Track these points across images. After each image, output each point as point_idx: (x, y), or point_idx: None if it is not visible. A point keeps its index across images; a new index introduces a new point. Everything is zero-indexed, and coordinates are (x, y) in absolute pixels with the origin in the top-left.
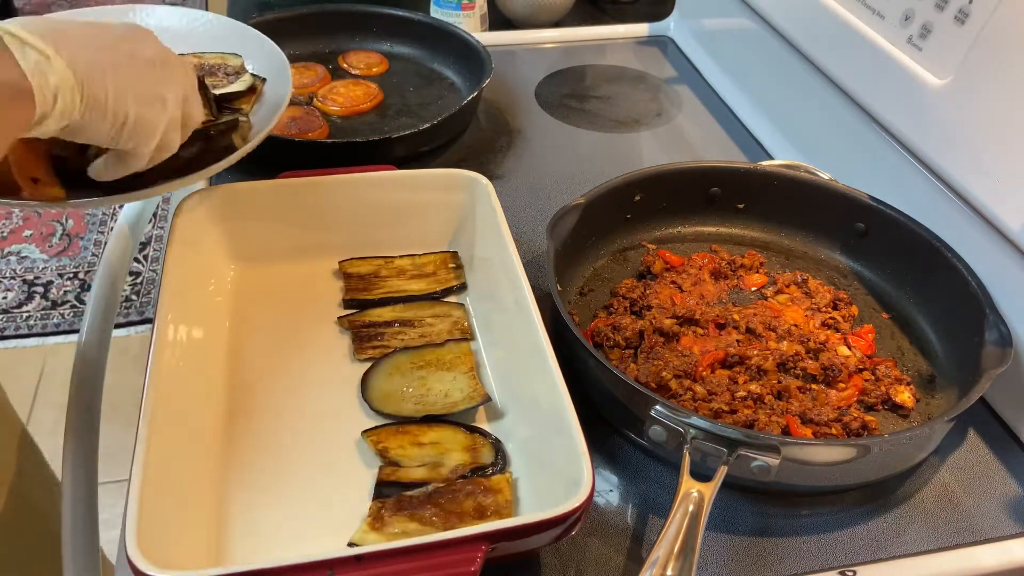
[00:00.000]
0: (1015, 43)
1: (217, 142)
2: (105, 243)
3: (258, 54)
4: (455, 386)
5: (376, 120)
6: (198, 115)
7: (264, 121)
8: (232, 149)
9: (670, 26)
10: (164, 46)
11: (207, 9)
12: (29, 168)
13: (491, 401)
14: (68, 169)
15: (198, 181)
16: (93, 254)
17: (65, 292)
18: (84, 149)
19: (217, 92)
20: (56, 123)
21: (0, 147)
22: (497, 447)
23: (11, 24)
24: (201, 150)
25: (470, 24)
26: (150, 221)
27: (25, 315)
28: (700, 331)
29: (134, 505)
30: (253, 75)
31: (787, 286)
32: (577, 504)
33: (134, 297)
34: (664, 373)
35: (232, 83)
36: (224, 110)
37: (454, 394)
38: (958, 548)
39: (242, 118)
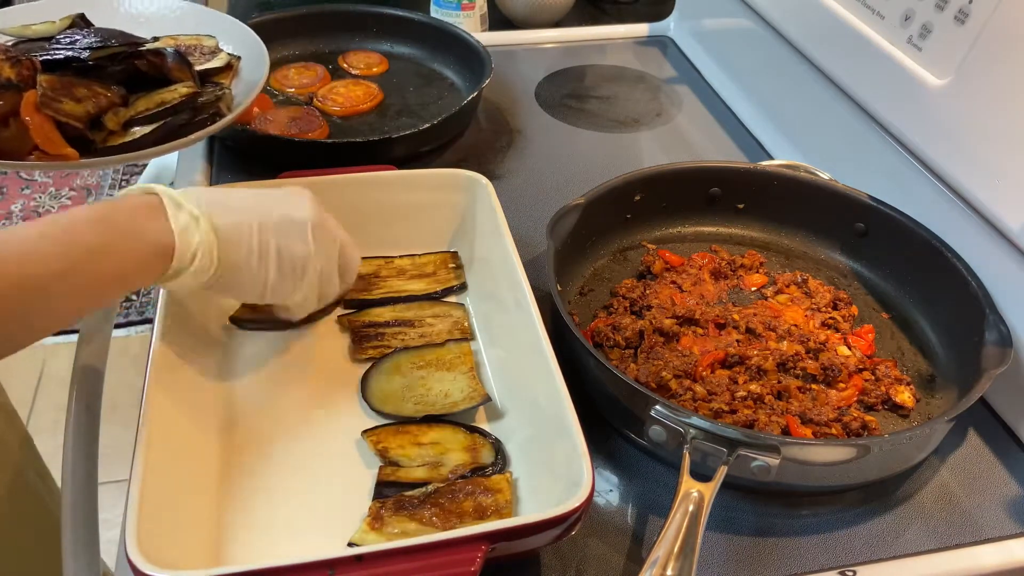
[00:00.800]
0: (1015, 43)
1: (204, 110)
2: None
3: (231, 35)
4: (455, 386)
5: (376, 120)
6: (356, 261)
7: (244, 94)
8: (219, 116)
9: (670, 26)
10: (316, 211)
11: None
12: (45, 131)
13: (491, 401)
14: (76, 139)
15: (190, 145)
16: None
17: None
18: (94, 122)
19: (198, 68)
20: (192, 279)
21: (127, 291)
22: (497, 447)
23: (174, 191)
24: (190, 118)
25: (470, 24)
26: None
27: None
28: (700, 331)
29: (134, 505)
30: (228, 54)
31: (787, 286)
32: (577, 504)
33: (134, 297)
34: (664, 373)
35: (209, 61)
36: (206, 84)
37: (454, 394)
38: (958, 548)
39: (226, 88)
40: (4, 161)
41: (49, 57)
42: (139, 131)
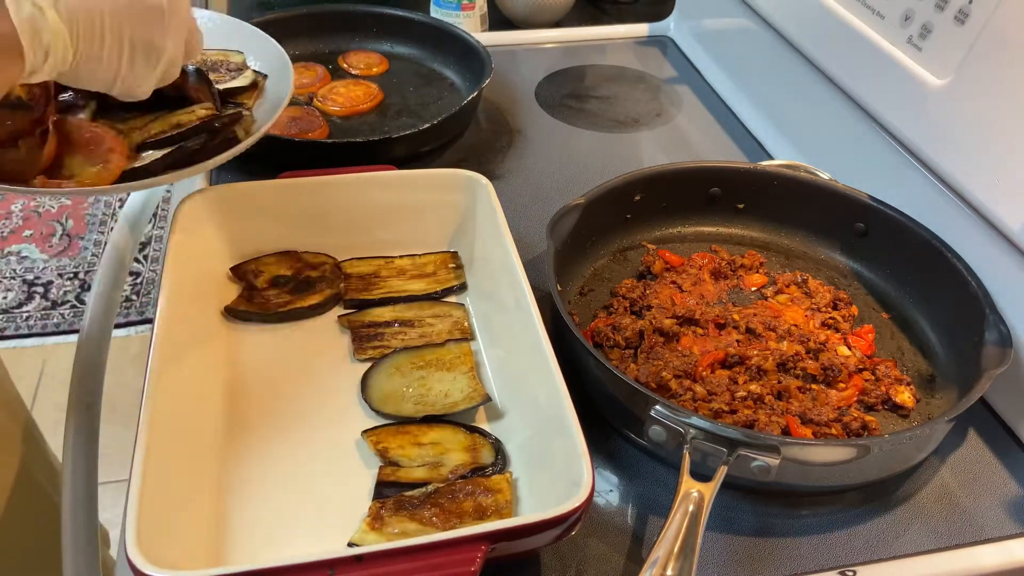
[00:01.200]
0: (1015, 43)
1: (221, 134)
2: (105, 243)
3: (259, 51)
4: (455, 386)
5: (376, 120)
6: (197, 48)
7: (267, 115)
8: (235, 141)
9: (670, 26)
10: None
11: (207, 8)
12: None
13: (491, 401)
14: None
15: (201, 172)
16: (93, 254)
17: (65, 292)
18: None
19: (220, 87)
20: (46, 75)
21: None
22: (497, 447)
23: None
24: (205, 142)
25: (470, 24)
26: (150, 221)
27: (25, 315)
28: (700, 331)
29: (134, 505)
30: (255, 72)
31: (787, 286)
32: (577, 504)
33: (134, 297)
34: (664, 373)
35: (234, 79)
36: (227, 104)
37: (454, 394)
38: (958, 548)
39: (245, 111)
40: (7, 186)
41: None
42: (150, 155)
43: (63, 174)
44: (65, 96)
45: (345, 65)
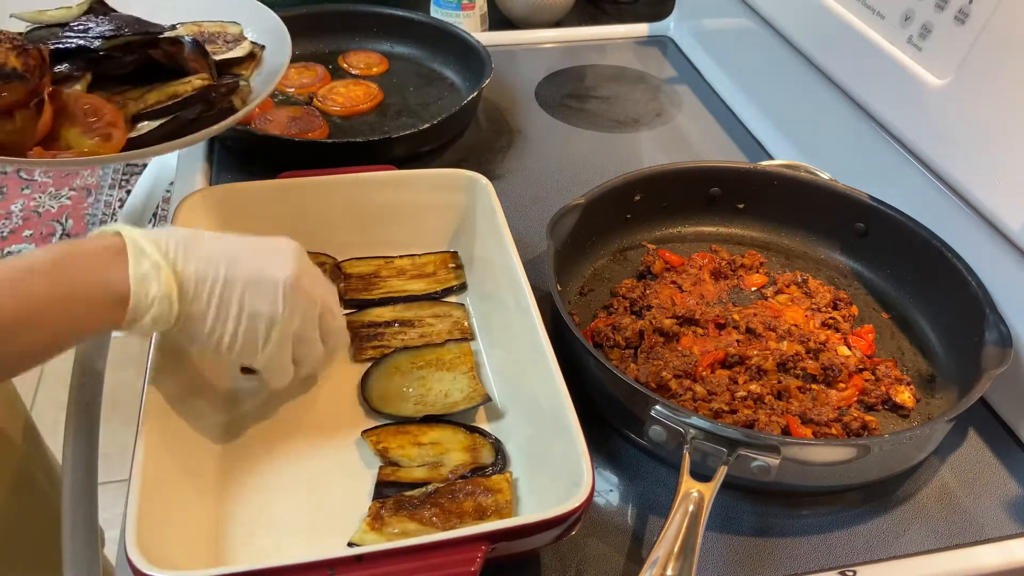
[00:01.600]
0: (1015, 43)
1: (217, 104)
2: None
3: (257, 22)
4: (455, 386)
5: (376, 120)
6: (339, 327)
7: (264, 84)
8: (232, 111)
9: (670, 26)
10: (295, 270)
11: None
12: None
13: (491, 401)
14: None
15: (199, 141)
16: None
17: None
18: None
19: (218, 58)
20: (151, 328)
21: (82, 339)
22: (497, 447)
23: (142, 234)
24: (201, 112)
25: (470, 24)
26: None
27: None
28: (700, 331)
29: (134, 505)
30: (252, 43)
31: (787, 286)
32: (577, 504)
33: None
34: (664, 373)
35: (231, 50)
36: (224, 75)
37: (454, 394)
38: (958, 548)
39: (242, 82)
40: (3, 157)
41: (59, 47)
42: (146, 126)
43: (59, 146)
44: (61, 67)
45: (345, 65)
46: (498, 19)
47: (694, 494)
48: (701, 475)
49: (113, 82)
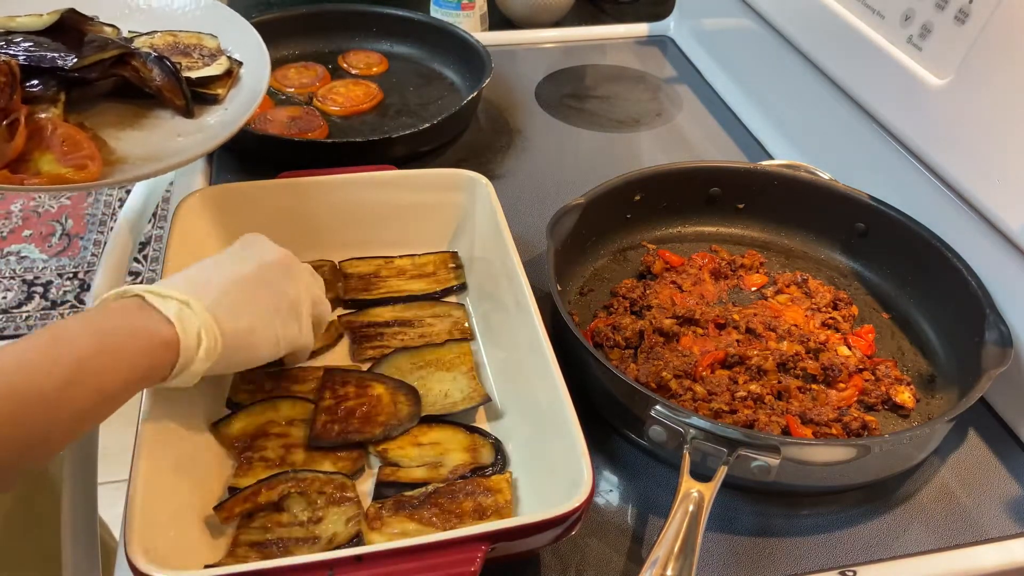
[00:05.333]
0: (1015, 43)
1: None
2: (105, 243)
3: (236, 37)
4: (455, 386)
5: (376, 120)
6: (327, 314)
7: (242, 107)
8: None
9: (670, 26)
10: (279, 248)
11: None
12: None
13: (491, 401)
14: None
15: (174, 170)
16: (93, 254)
17: (65, 292)
18: None
19: (193, 75)
20: (202, 364)
21: (135, 392)
22: (497, 447)
23: (151, 286)
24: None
25: (470, 24)
26: (149, 221)
27: (25, 315)
28: (700, 331)
29: (134, 505)
30: (230, 58)
31: (787, 286)
32: (577, 504)
33: None
34: (664, 373)
35: (207, 65)
36: (197, 98)
37: (454, 394)
38: (958, 548)
39: (219, 107)
40: None
41: (29, 63)
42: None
43: (28, 168)
44: (33, 87)
45: (345, 65)
46: (498, 19)
47: (694, 494)
48: (701, 475)
49: (86, 102)
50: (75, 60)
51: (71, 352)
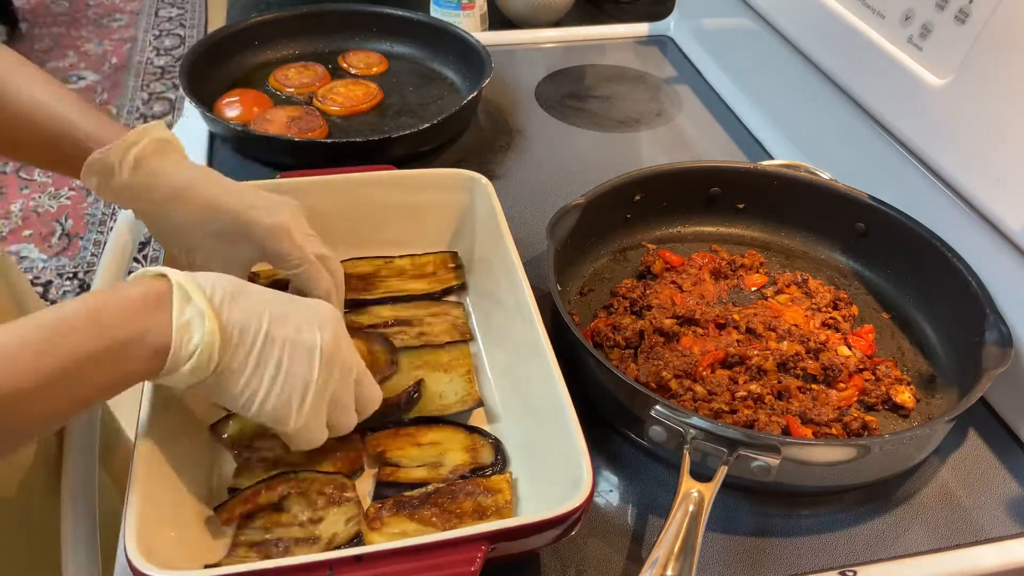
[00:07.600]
0: (1015, 43)
1: None
2: (104, 243)
3: None
4: (450, 388)
5: (376, 120)
6: (375, 396)
7: None
8: None
9: (670, 26)
10: (333, 334)
11: (206, 9)
12: None
13: (482, 406)
14: None
15: None
16: (93, 254)
17: (64, 292)
18: None
19: None
20: (188, 379)
21: (118, 392)
22: (497, 447)
23: (188, 277)
24: None
25: (470, 24)
26: None
27: None
28: (700, 331)
29: (134, 505)
30: None
31: (787, 286)
32: (577, 504)
33: None
34: (664, 373)
35: None
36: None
37: (448, 396)
38: (958, 548)
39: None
40: None
41: None
42: None
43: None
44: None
45: (345, 65)
46: (498, 19)
47: (694, 494)
48: (701, 475)
49: None
50: None
51: (67, 354)
